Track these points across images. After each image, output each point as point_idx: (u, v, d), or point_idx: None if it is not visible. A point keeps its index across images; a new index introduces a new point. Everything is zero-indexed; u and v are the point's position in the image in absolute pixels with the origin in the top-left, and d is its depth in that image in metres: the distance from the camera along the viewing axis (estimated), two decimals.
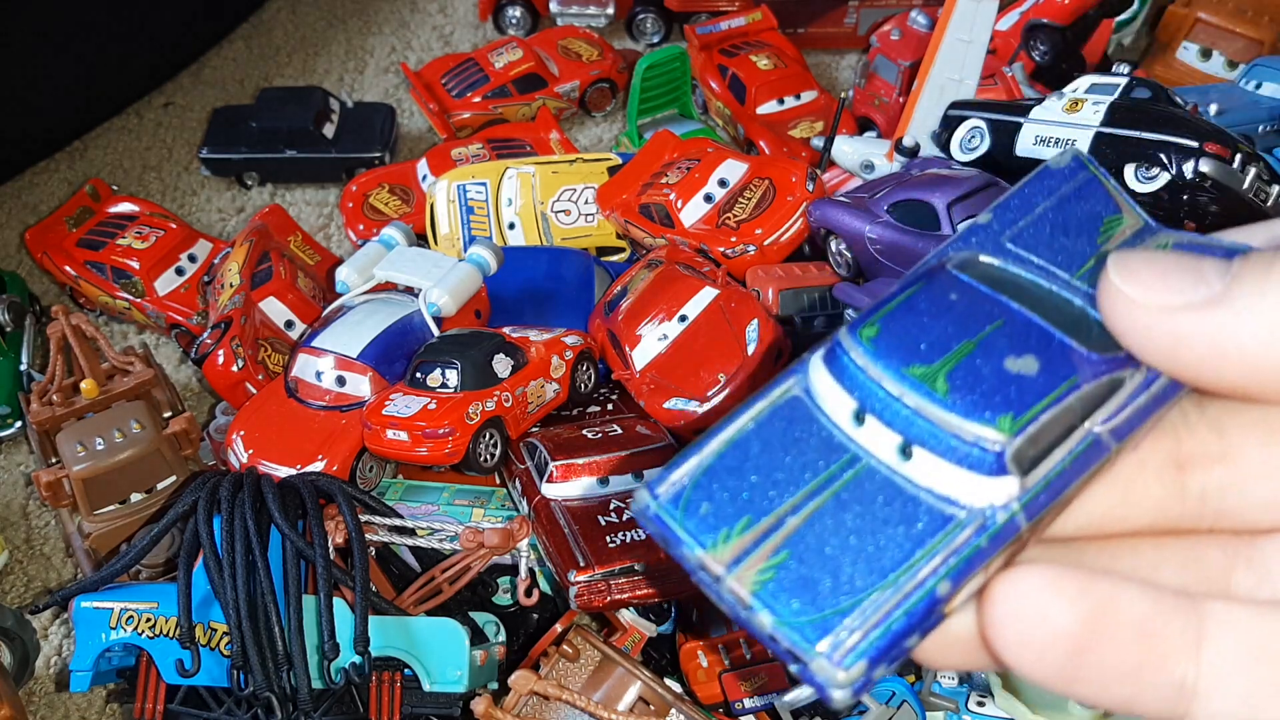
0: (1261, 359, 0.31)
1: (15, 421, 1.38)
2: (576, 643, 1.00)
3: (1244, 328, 0.31)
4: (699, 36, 1.77)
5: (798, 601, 0.31)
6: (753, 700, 1.06)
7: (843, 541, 0.32)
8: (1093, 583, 0.31)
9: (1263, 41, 1.63)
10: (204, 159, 1.71)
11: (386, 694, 0.95)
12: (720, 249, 1.30)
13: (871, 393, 0.33)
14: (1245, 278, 0.32)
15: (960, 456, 0.32)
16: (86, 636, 0.97)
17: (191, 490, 0.97)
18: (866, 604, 0.31)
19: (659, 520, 0.33)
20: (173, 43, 1.95)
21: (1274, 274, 0.31)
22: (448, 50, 1.97)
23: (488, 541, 1.00)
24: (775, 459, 0.34)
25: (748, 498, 0.33)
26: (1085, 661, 0.30)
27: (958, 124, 1.32)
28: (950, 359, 0.33)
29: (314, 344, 1.19)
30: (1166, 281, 0.32)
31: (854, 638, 0.30)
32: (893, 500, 0.32)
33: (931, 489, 0.32)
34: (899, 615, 0.30)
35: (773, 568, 0.31)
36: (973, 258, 0.37)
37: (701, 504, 0.33)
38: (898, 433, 0.33)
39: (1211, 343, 0.31)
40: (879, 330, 0.34)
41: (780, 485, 0.33)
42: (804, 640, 0.30)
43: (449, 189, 1.48)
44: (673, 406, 1.14)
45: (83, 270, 1.50)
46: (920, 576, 0.31)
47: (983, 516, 0.31)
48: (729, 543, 0.32)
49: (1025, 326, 0.34)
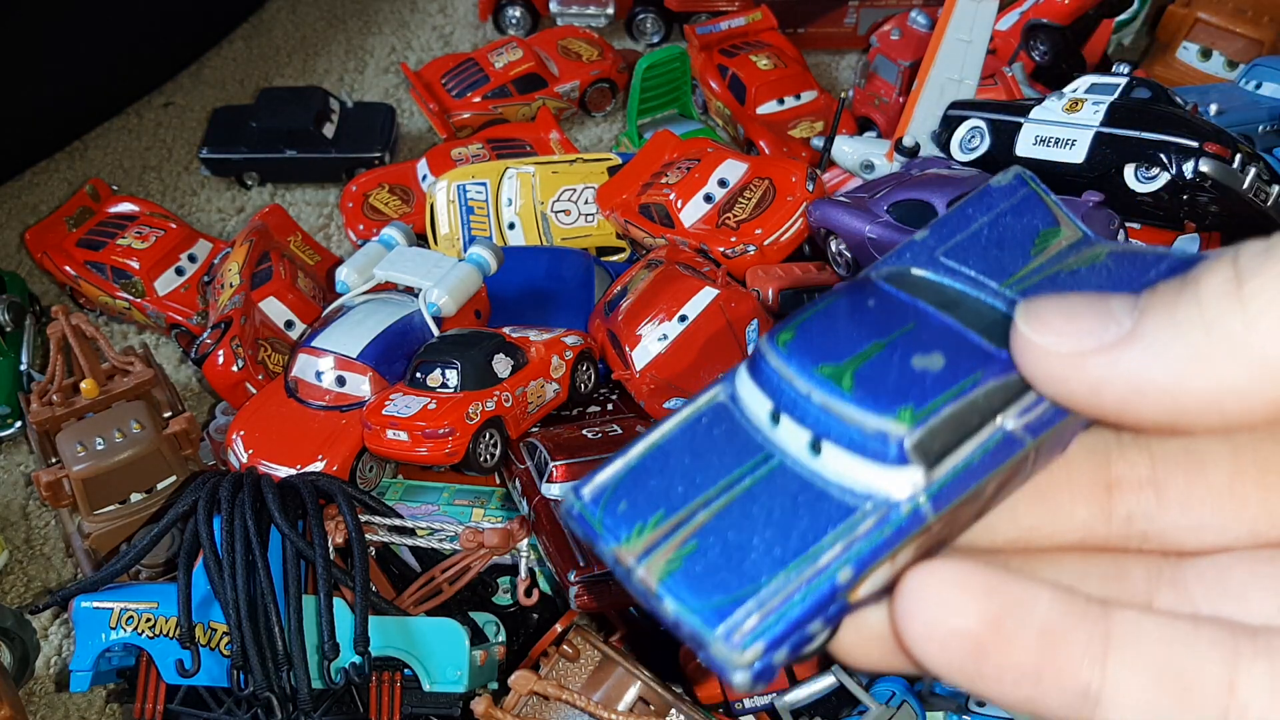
0: (1179, 393, 0.30)
1: (15, 421, 1.38)
2: (576, 643, 1.00)
3: (1158, 365, 0.30)
4: (699, 36, 1.77)
5: (701, 589, 0.32)
6: (753, 700, 1.06)
7: (750, 533, 0.33)
8: (1002, 582, 0.31)
9: (1263, 41, 1.63)
10: (204, 159, 1.71)
11: (386, 694, 0.95)
12: (720, 249, 1.30)
13: (784, 392, 0.34)
14: (1152, 311, 0.31)
15: (864, 449, 0.33)
16: (86, 636, 0.97)
17: (191, 490, 0.97)
18: (766, 590, 0.32)
19: (581, 519, 0.35)
20: (173, 43, 1.95)
21: (1181, 304, 0.30)
22: (448, 50, 1.97)
23: (488, 541, 1.00)
24: (695, 460, 0.35)
25: (664, 495, 0.34)
26: (988, 660, 0.30)
27: (958, 124, 1.32)
28: (858, 358, 0.34)
29: (314, 344, 1.19)
30: (1076, 325, 0.31)
31: (751, 621, 0.31)
32: (802, 494, 0.33)
33: (839, 482, 0.33)
34: (797, 600, 0.31)
35: (680, 558, 0.33)
36: (902, 270, 0.38)
37: (620, 502, 0.35)
38: (808, 429, 0.34)
39: (1129, 383, 0.31)
40: (794, 335, 0.35)
41: (696, 483, 0.34)
42: (703, 624, 0.31)
43: (449, 189, 1.48)
44: (673, 406, 1.14)
45: (83, 270, 1.50)
46: (821, 564, 0.32)
47: (886, 506, 0.32)
48: (641, 536, 0.34)
49: (938, 328, 0.35)
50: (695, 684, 1.07)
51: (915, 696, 1.02)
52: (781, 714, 1.04)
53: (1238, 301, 0.29)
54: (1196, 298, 0.30)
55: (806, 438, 0.34)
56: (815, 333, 0.35)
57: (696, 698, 1.07)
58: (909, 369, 0.33)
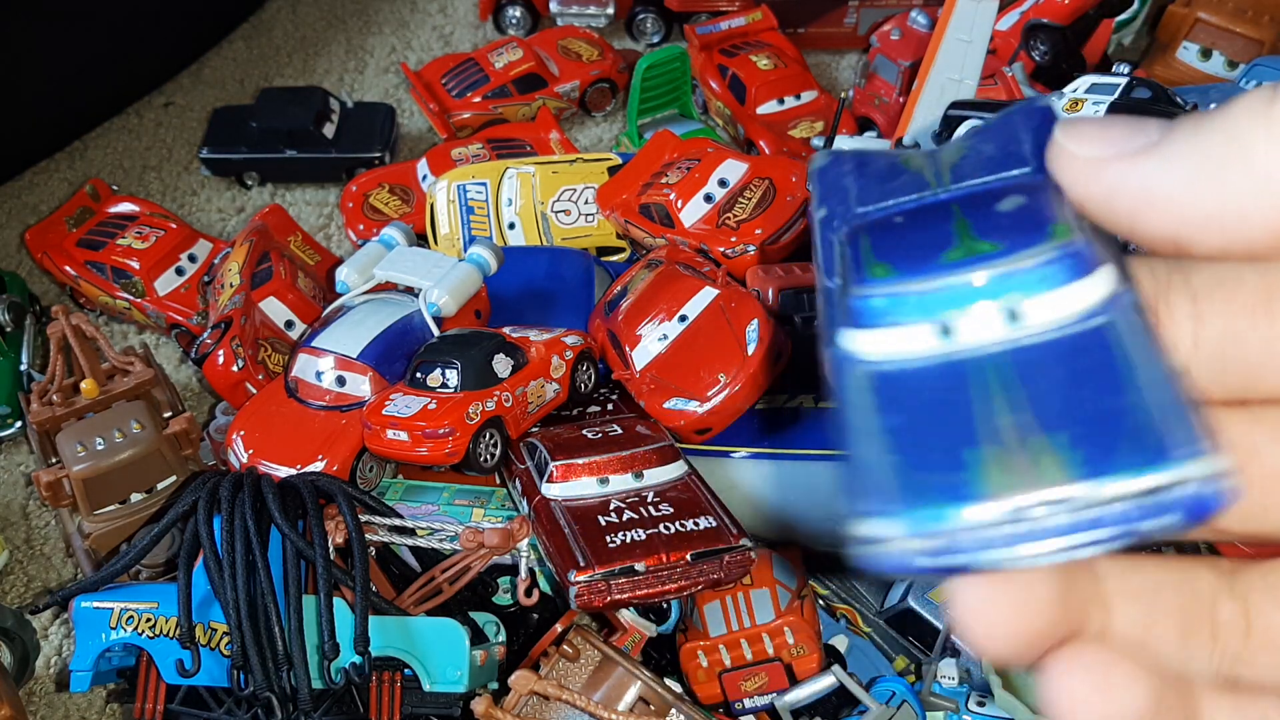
0: (1187, 206, 0.30)
1: (15, 421, 1.38)
2: (576, 643, 1.00)
3: (1171, 174, 0.30)
4: (699, 36, 1.77)
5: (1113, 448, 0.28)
6: (753, 700, 1.06)
7: (1074, 404, 0.29)
8: (1157, 680, 0.30)
9: (1263, 41, 1.63)
10: (204, 159, 1.72)
11: (386, 694, 0.96)
12: (720, 249, 1.30)
13: (940, 299, 0.31)
14: (1181, 128, 0.31)
15: (1059, 278, 0.30)
16: (86, 636, 0.97)
17: (191, 490, 0.97)
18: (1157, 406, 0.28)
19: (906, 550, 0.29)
20: (173, 43, 1.95)
21: (1208, 121, 0.31)
22: (448, 50, 1.97)
23: (488, 541, 1.00)
24: (933, 418, 0.30)
25: (951, 459, 0.29)
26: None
27: (958, 124, 1.32)
28: (961, 229, 0.32)
29: (314, 344, 1.19)
30: (1108, 135, 0.32)
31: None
32: (1061, 358, 0.30)
33: (1064, 320, 0.30)
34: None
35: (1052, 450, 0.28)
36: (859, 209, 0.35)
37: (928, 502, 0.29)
38: (998, 303, 0.30)
39: (1141, 189, 0.31)
40: (883, 263, 0.32)
41: (967, 432, 0.29)
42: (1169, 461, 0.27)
43: (449, 189, 1.48)
44: (673, 406, 1.14)
45: (83, 270, 1.50)
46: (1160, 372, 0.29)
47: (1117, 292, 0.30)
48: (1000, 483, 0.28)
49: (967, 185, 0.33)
50: (695, 684, 1.07)
51: (915, 696, 1.02)
52: (781, 714, 1.04)
53: (1265, 119, 0.29)
54: (1225, 115, 0.30)
55: (999, 314, 0.30)
56: (893, 247, 0.32)
57: (696, 698, 1.07)
58: (1005, 212, 0.32)
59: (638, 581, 0.96)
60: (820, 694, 1.04)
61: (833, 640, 1.11)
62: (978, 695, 1.03)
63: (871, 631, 1.14)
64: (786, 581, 1.10)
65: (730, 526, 1.00)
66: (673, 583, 0.97)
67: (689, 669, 1.07)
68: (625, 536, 0.98)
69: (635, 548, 0.97)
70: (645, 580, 0.96)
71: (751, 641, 1.06)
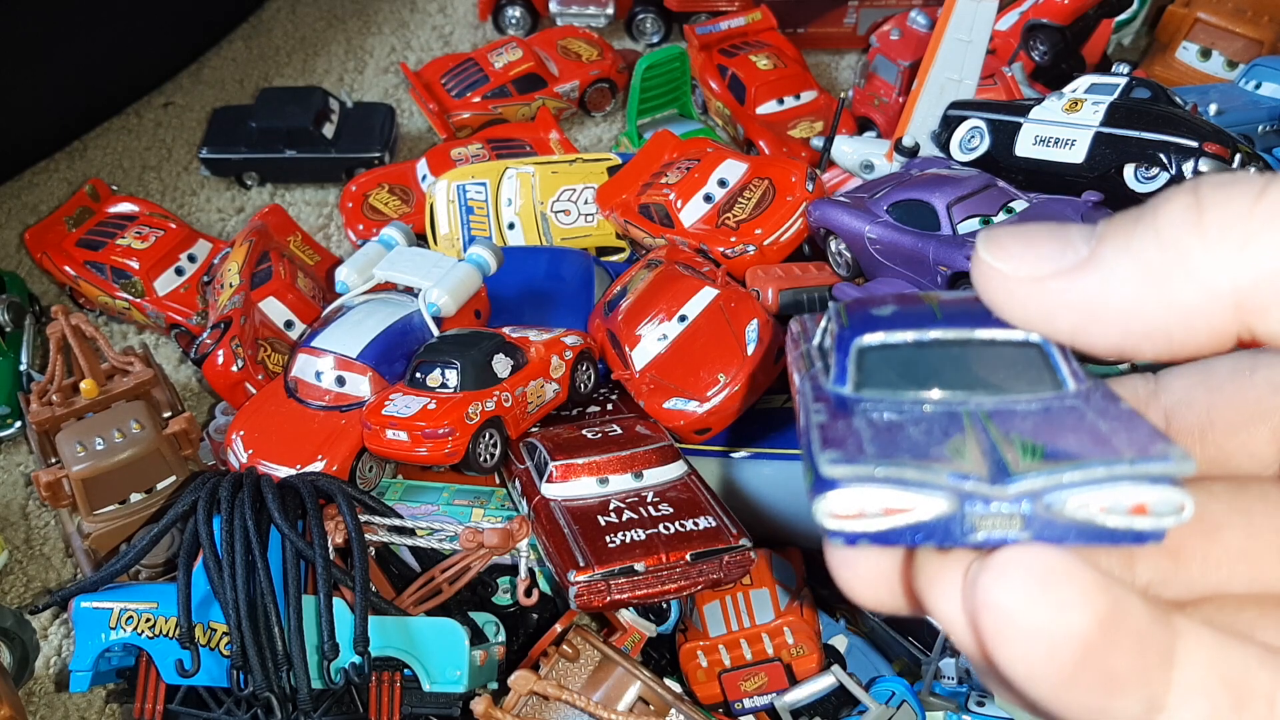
0: (1133, 317, 0.31)
1: (15, 421, 1.38)
2: (576, 643, 1.00)
3: (1113, 290, 0.31)
4: (699, 36, 1.77)
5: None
6: (752, 700, 1.06)
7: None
8: (1103, 578, 0.29)
9: (1263, 41, 1.63)
10: (204, 159, 1.72)
11: (386, 694, 0.95)
12: (720, 249, 1.30)
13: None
14: (1110, 238, 0.32)
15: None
16: (86, 636, 0.97)
17: (191, 490, 0.97)
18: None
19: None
20: (173, 43, 1.95)
21: (1138, 230, 0.31)
22: (448, 50, 1.97)
23: (487, 541, 1.00)
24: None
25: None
26: (1089, 667, 0.28)
27: (957, 124, 1.32)
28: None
29: (314, 344, 1.19)
30: (1035, 251, 0.32)
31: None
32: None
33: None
34: None
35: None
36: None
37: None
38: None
39: (1084, 306, 0.32)
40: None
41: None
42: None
43: (449, 189, 1.48)
44: (673, 406, 1.14)
45: (82, 270, 1.50)
46: None
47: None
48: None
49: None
50: (695, 684, 1.07)
51: (915, 696, 1.02)
52: (781, 714, 1.04)
53: (1197, 229, 0.30)
54: (1154, 224, 0.31)
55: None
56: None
57: (696, 698, 1.07)
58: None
59: (637, 581, 0.96)
60: (820, 694, 1.04)
61: (832, 640, 1.11)
62: (978, 695, 1.03)
63: (871, 631, 1.14)
64: (786, 581, 1.10)
65: (730, 526, 1.00)
66: (672, 583, 0.97)
67: (689, 669, 1.07)
68: (625, 536, 0.98)
69: (635, 548, 0.97)
70: (645, 580, 0.96)
71: (751, 641, 1.06)
